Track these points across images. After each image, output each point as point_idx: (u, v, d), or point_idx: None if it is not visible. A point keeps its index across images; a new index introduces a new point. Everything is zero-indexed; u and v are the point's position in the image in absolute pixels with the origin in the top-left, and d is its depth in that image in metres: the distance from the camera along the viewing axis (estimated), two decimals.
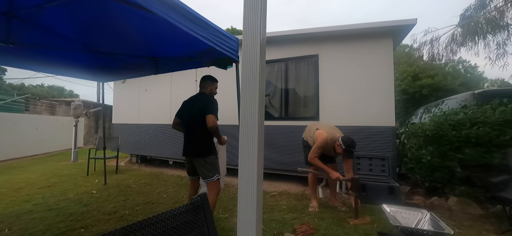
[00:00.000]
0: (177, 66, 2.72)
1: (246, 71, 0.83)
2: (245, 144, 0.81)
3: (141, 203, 3.16)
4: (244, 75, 0.83)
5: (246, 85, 0.83)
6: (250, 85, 0.82)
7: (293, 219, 2.59)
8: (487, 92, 3.96)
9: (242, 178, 0.81)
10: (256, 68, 0.80)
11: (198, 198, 0.74)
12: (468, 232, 2.31)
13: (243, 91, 0.83)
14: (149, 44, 2.15)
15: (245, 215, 0.81)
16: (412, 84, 12.75)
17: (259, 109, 0.79)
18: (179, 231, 0.62)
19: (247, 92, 0.82)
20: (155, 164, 5.99)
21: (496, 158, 2.67)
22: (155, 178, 4.54)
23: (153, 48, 2.25)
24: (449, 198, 3.04)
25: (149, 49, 2.26)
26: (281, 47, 4.32)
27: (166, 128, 5.53)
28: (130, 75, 3.73)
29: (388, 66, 3.64)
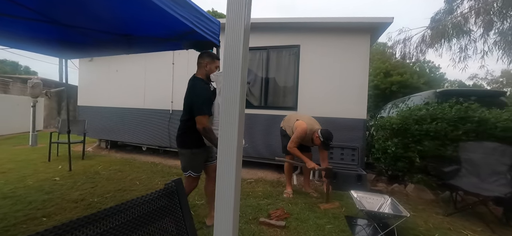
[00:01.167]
0: (152, 46, 2.51)
1: (229, 57, 0.80)
2: (225, 132, 0.80)
3: (111, 190, 3.01)
4: (226, 62, 0.81)
5: (228, 72, 0.81)
6: (232, 72, 0.80)
7: (268, 204, 2.68)
8: (446, 91, 4.38)
9: (221, 166, 0.80)
10: (239, 55, 0.79)
11: (172, 183, 0.72)
12: (421, 214, 2.60)
13: (224, 77, 0.82)
14: (121, 20, 1.94)
15: (223, 202, 0.81)
16: (383, 80, 13.59)
17: (240, 96, 0.79)
18: (153, 217, 0.60)
19: (228, 79, 0.81)
20: (127, 150, 5.70)
21: (449, 150, 3.00)
22: (127, 165, 4.34)
23: (126, 25, 2.04)
24: (408, 185, 3.37)
25: (121, 25, 2.05)
26: (263, 34, 4.27)
27: (140, 112, 5.25)
28: (98, 53, 3.42)
29: (364, 62, 3.82)
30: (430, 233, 2.18)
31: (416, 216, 2.52)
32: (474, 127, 2.94)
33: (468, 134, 2.95)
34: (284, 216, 2.35)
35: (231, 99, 0.78)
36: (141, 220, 0.56)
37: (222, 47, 0.90)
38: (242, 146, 0.87)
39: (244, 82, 0.82)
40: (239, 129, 0.77)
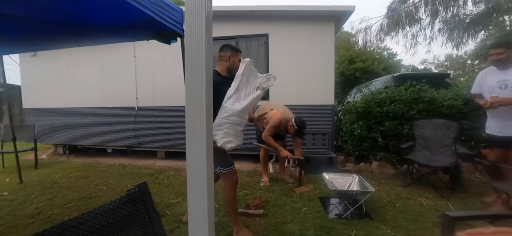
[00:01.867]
0: (107, 37, 2.24)
1: (191, 48, 0.75)
2: (192, 126, 0.76)
3: (74, 199, 2.74)
4: (189, 53, 0.75)
5: (192, 63, 0.76)
6: (196, 63, 0.75)
7: (246, 195, 2.70)
8: (402, 75, 4.82)
9: (191, 162, 0.77)
10: (201, 44, 0.74)
11: (135, 188, 0.67)
12: (384, 188, 2.87)
13: (187, 69, 0.77)
14: (68, 6, 1.68)
15: (195, 201, 0.78)
16: (348, 67, 14.40)
17: (206, 89, 0.75)
18: (116, 228, 0.55)
19: (192, 70, 0.76)
20: (90, 154, 5.22)
21: (405, 129, 3.33)
22: (91, 170, 3.98)
23: (74, 13, 1.77)
24: (372, 163, 3.68)
25: (68, 13, 1.77)
26: (231, 23, 4.17)
27: (100, 111, 4.80)
28: (42, 47, 2.97)
29: (330, 49, 3.98)
30: (392, 204, 2.42)
31: (380, 190, 2.77)
32: (425, 106, 3.29)
33: (420, 113, 3.30)
34: (262, 204, 2.40)
35: (196, 93, 0.74)
36: (102, 233, 0.51)
37: (185, 36, 0.83)
38: (212, 140, 0.84)
39: (210, 74, 0.78)
40: (208, 123, 0.74)
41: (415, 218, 2.13)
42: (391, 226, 2.01)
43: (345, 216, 2.15)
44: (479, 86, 2.40)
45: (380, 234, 1.89)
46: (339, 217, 2.16)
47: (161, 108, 4.48)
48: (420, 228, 1.96)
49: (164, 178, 3.44)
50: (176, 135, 4.42)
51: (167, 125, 4.45)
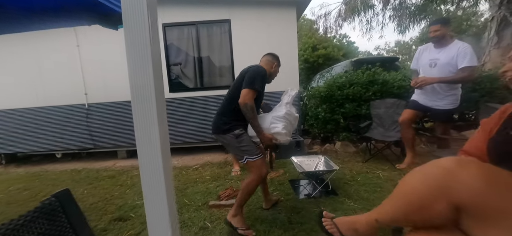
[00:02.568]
0: (38, 22, 1.81)
1: (132, 34, 0.65)
2: (141, 124, 0.67)
3: (15, 216, 2.35)
4: (129, 40, 0.65)
5: (134, 52, 0.66)
6: (140, 51, 0.66)
7: (217, 186, 2.65)
8: (359, 60, 5.18)
9: (144, 166, 0.69)
10: (144, 30, 0.65)
11: (52, 198, 0.56)
12: (347, 165, 3.09)
13: (129, 61, 0.67)
14: None
15: (154, 206, 0.71)
16: (311, 54, 14.96)
17: (155, 80, 0.66)
18: None
19: (136, 61, 0.66)
20: (34, 162, 4.54)
21: (363, 109, 3.60)
22: (36, 179, 3.47)
23: None
24: (336, 143, 3.93)
25: None
26: (190, 8, 3.91)
27: (42, 111, 4.17)
28: None
29: (292, 35, 4.03)
30: (354, 179, 2.63)
31: (344, 167, 2.98)
32: (379, 88, 3.59)
33: (375, 94, 3.60)
34: (233, 194, 2.37)
35: (143, 86, 0.65)
36: None
37: (123, 22, 0.71)
38: (168, 136, 0.76)
39: (158, 64, 0.69)
40: (160, 118, 0.66)
41: (374, 189, 2.35)
42: (354, 199, 2.18)
43: (314, 195, 2.27)
44: (417, 62, 2.69)
45: (345, 208, 2.03)
46: (308, 197, 2.27)
47: (117, 103, 4.06)
48: (379, 198, 2.16)
49: (127, 179, 3.18)
50: None
51: (127, 121, 4.07)
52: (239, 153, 1.72)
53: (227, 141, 1.74)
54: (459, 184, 0.64)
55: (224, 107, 1.78)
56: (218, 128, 1.76)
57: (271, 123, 1.74)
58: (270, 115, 1.78)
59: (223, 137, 1.75)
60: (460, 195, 0.63)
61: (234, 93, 1.71)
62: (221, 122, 1.75)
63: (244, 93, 1.62)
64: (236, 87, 1.72)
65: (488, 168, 0.67)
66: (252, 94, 1.63)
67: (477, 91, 3.56)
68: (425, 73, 2.51)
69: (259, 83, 1.67)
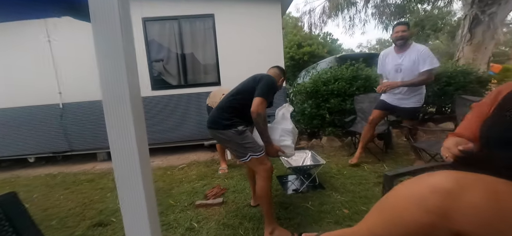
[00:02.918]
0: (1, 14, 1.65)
1: (101, 28, 0.59)
2: (116, 125, 0.61)
3: None
4: (99, 35, 0.59)
5: (104, 49, 0.60)
6: (111, 48, 0.60)
7: (204, 185, 2.59)
8: (343, 56, 5.29)
9: (119, 170, 0.63)
10: (114, 22, 0.58)
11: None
12: (333, 159, 3.15)
13: (99, 57, 0.60)
14: None
15: (132, 215, 0.65)
16: (297, 51, 15.10)
17: (128, 78, 0.60)
18: None
19: (106, 58, 0.60)
20: (3, 167, 4.19)
21: (348, 104, 3.68)
22: (7, 186, 3.22)
23: None
24: (322, 138, 3.99)
25: None
26: (172, 2, 3.77)
27: (10, 113, 3.85)
28: None
29: (278, 31, 4.01)
30: (340, 172, 2.68)
31: (330, 162, 3.02)
32: (362, 83, 3.68)
33: (359, 89, 3.69)
34: (221, 192, 2.33)
35: (116, 85, 0.59)
36: None
37: (91, 16, 0.64)
38: (146, 139, 0.71)
39: (132, 62, 0.63)
40: (136, 119, 0.60)
41: (359, 181, 2.40)
42: (341, 192, 2.21)
43: (301, 190, 2.27)
44: (382, 67, 2.81)
45: (332, 201, 2.06)
46: (296, 192, 2.28)
47: (95, 102, 3.82)
48: (364, 190, 2.22)
49: (107, 182, 3.02)
50: None
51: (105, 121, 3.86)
52: (242, 150, 1.63)
53: (228, 137, 1.65)
54: (462, 211, 0.56)
55: (227, 103, 1.71)
56: (217, 123, 1.67)
57: (281, 135, 1.74)
58: (278, 128, 1.76)
59: (222, 133, 1.65)
60: (463, 224, 0.56)
61: (243, 95, 1.67)
62: (222, 117, 1.66)
63: (258, 102, 1.56)
64: (246, 90, 1.67)
65: (493, 188, 0.58)
66: (265, 104, 1.60)
67: (452, 85, 3.76)
68: (392, 78, 2.65)
69: (272, 95, 1.67)
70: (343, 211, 1.91)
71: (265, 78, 1.69)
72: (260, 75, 1.73)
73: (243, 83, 1.80)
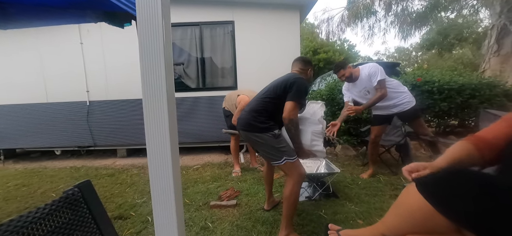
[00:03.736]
0: (41, 19, 1.79)
1: (146, 35, 0.66)
2: (153, 122, 0.68)
3: (14, 212, 2.34)
4: (143, 40, 0.66)
5: (147, 52, 0.67)
6: (153, 51, 0.67)
7: (217, 187, 2.65)
8: (359, 64, 5.19)
9: (154, 164, 0.69)
10: (158, 29, 0.65)
11: (75, 189, 0.56)
12: (347, 168, 3.10)
13: (143, 58, 0.67)
14: None
15: (161, 206, 0.71)
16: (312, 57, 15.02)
17: (166, 79, 0.67)
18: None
19: (149, 60, 0.67)
20: (33, 158, 4.52)
21: (364, 113, 3.61)
22: (35, 176, 3.46)
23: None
24: (336, 146, 3.94)
25: None
26: (194, 8, 3.93)
27: (43, 108, 4.16)
28: None
29: (295, 38, 4.05)
30: (355, 182, 2.63)
31: (344, 171, 2.98)
32: None
33: None
34: (234, 195, 2.37)
35: (155, 85, 0.66)
36: None
37: (137, 21, 0.72)
38: (177, 138, 0.77)
39: (170, 64, 0.70)
40: (170, 118, 0.67)
41: (374, 193, 2.35)
42: (355, 202, 2.18)
43: (315, 197, 2.26)
44: (349, 94, 2.80)
45: (346, 210, 2.03)
46: (309, 199, 2.27)
47: (118, 102, 4.06)
48: (380, 201, 2.17)
49: (126, 177, 3.17)
50: (137, 131, 4.08)
51: (127, 120, 4.07)
52: (277, 153, 1.59)
53: (263, 140, 1.61)
54: None
55: (261, 106, 1.67)
56: (252, 126, 1.64)
57: (312, 140, 1.70)
58: (308, 131, 1.72)
59: (257, 136, 1.62)
60: None
61: (276, 99, 1.63)
62: (257, 120, 1.62)
63: (291, 107, 1.53)
64: (277, 94, 1.64)
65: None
66: (297, 110, 1.58)
67: (476, 98, 3.59)
68: (364, 101, 2.66)
69: (304, 98, 1.63)
70: (357, 221, 1.88)
71: (298, 82, 1.62)
72: (293, 78, 1.65)
73: (274, 84, 1.73)
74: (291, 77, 1.67)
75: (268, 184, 2.04)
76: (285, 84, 1.64)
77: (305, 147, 1.68)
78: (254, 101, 1.75)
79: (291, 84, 1.61)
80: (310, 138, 1.69)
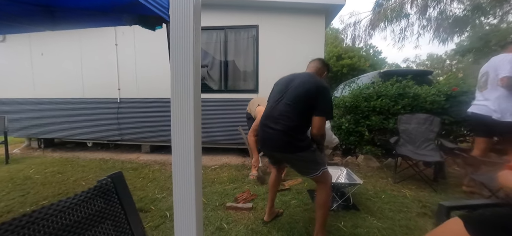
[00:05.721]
0: (85, 21, 2.02)
1: (177, 38, 0.69)
2: (179, 120, 0.70)
3: (49, 196, 2.56)
4: (175, 43, 0.68)
5: (178, 55, 0.70)
6: (183, 54, 0.69)
7: (234, 188, 2.65)
8: (388, 71, 4.93)
9: (177, 161, 0.70)
10: (189, 33, 0.67)
11: (108, 179, 0.59)
12: (370, 180, 2.93)
13: (173, 60, 0.70)
14: None
15: (182, 202, 0.72)
16: (336, 63, 14.62)
17: (194, 80, 0.68)
18: (80, 227, 0.46)
19: (179, 63, 0.69)
20: (68, 148, 4.92)
21: (391, 123, 3.41)
22: (69, 165, 3.75)
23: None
24: (358, 156, 3.75)
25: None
26: (219, 13, 4.04)
27: (79, 103, 4.53)
28: (12, 29, 2.67)
29: (320, 43, 3.97)
30: (378, 195, 2.48)
31: (366, 182, 2.83)
32: (410, 101, 3.38)
33: (405, 108, 3.40)
34: (250, 198, 2.36)
35: (184, 86, 0.68)
36: (61, 234, 0.42)
37: (171, 24, 0.75)
38: (200, 134, 0.79)
39: (198, 66, 0.72)
40: (196, 118, 0.68)
41: (399, 209, 2.19)
42: (378, 217, 2.05)
43: (333, 208, 2.17)
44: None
45: (367, 225, 1.92)
46: None
47: (145, 100, 4.28)
48: (405, 218, 2.01)
49: (148, 172, 3.31)
50: (161, 128, 4.27)
51: (152, 117, 4.27)
52: (316, 166, 1.57)
53: (305, 157, 1.58)
54: None
55: (293, 123, 1.56)
56: (293, 146, 1.56)
57: (333, 137, 1.82)
58: (328, 130, 1.73)
59: (299, 155, 1.57)
60: None
61: (304, 111, 1.55)
62: (295, 139, 1.56)
63: (321, 123, 1.52)
64: (303, 107, 1.55)
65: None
66: (325, 125, 1.57)
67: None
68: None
69: (332, 111, 1.60)
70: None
71: (325, 94, 1.54)
72: (316, 88, 1.55)
73: (294, 92, 1.60)
74: (314, 86, 1.56)
75: (272, 193, 1.96)
76: (308, 93, 1.55)
77: (327, 143, 1.69)
78: (281, 116, 1.60)
79: (318, 94, 1.53)
80: (331, 135, 1.74)
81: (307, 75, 1.71)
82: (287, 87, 1.67)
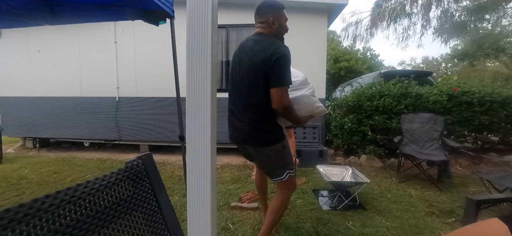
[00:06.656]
0: (84, 16, 1.93)
1: (194, 39, 0.66)
2: (195, 120, 0.66)
3: None
4: (191, 44, 0.66)
5: (195, 56, 0.67)
6: (200, 55, 0.66)
7: (237, 188, 2.60)
8: (388, 72, 4.95)
9: (193, 162, 0.67)
10: (207, 31, 0.65)
11: (138, 160, 0.54)
12: (374, 180, 2.90)
13: (189, 57, 0.67)
14: None
15: (197, 204, 0.68)
16: (333, 65, 14.70)
17: (212, 78, 0.65)
18: (109, 216, 0.41)
19: (195, 64, 0.67)
20: (64, 148, 4.80)
21: (394, 122, 3.40)
22: (65, 164, 3.65)
23: None
24: (361, 156, 3.73)
25: None
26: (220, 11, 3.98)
27: (76, 101, 4.42)
28: (10, 23, 2.58)
29: (322, 42, 3.96)
30: (383, 195, 2.45)
31: (371, 182, 2.77)
32: (412, 101, 3.38)
33: (408, 108, 3.39)
34: (255, 197, 2.31)
35: (200, 86, 0.65)
36: (86, 223, 0.37)
37: (188, 23, 0.70)
38: (216, 133, 0.75)
39: (215, 64, 0.69)
40: (212, 120, 0.65)
41: (406, 208, 2.16)
42: (386, 216, 2.01)
43: (340, 208, 2.13)
44: None
45: (376, 224, 1.88)
46: (334, 209, 2.14)
47: (145, 99, 4.20)
48: (414, 218, 1.98)
49: None
50: (161, 128, 4.19)
51: (152, 117, 4.19)
52: (282, 167, 1.35)
53: (272, 153, 1.33)
54: None
55: (259, 112, 1.30)
56: (259, 140, 1.32)
57: (315, 102, 1.42)
58: (305, 97, 1.40)
59: (268, 149, 1.32)
60: None
61: (266, 92, 1.23)
62: (261, 132, 1.30)
63: (280, 94, 1.19)
64: (259, 79, 1.24)
65: None
66: (287, 91, 1.24)
67: None
68: None
69: (290, 73, 1.25)
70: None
71: (280, 58, 1.21)
72: (269, 54, 1.21)
73: (248, 72, 1.29)
74: (264, 51, 1.23)
75: (262, 194, 1.79)
76: (264, 65, 1.22)
77: (307, 114, 1.40)
78: (242, 103, 1.36)
79: (275, 62, 1.19)
80: (313, 101, 1.41)
81: (255, 39, 1.37)
82: (238, 69, 1.40)
